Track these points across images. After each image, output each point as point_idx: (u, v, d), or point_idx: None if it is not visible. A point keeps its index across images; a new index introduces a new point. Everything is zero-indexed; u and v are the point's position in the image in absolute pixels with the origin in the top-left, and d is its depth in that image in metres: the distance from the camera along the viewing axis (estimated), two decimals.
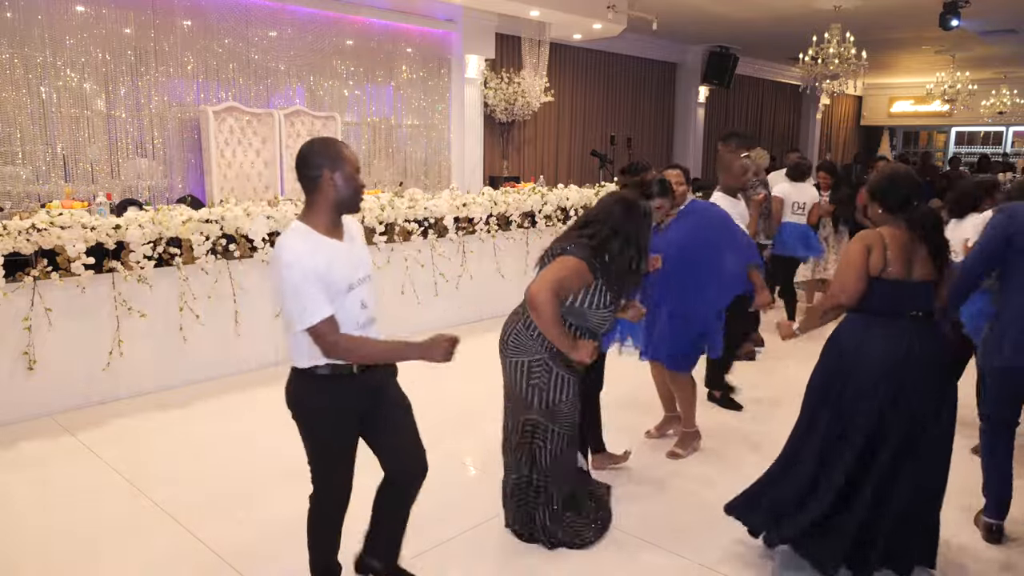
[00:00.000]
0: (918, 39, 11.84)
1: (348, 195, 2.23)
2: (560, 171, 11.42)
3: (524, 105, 9.75)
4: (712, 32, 11.64)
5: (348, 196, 2.24)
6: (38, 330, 4.24)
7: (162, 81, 6.85)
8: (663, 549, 3.01)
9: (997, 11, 9.52)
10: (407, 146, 8.91)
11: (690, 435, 3.93)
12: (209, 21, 7.07)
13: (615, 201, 2.86)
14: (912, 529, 2.63)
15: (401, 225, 5.87)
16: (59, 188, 6.19)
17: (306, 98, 7.88)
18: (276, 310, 5.24)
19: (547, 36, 9.59)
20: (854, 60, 9.50)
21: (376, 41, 8.38)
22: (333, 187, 2.20)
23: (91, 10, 6.38)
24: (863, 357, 2.60)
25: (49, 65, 6.21)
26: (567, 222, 7.19)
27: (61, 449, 3.91)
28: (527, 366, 2.80)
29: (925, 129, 20.03)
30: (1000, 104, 15.34)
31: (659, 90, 13.22)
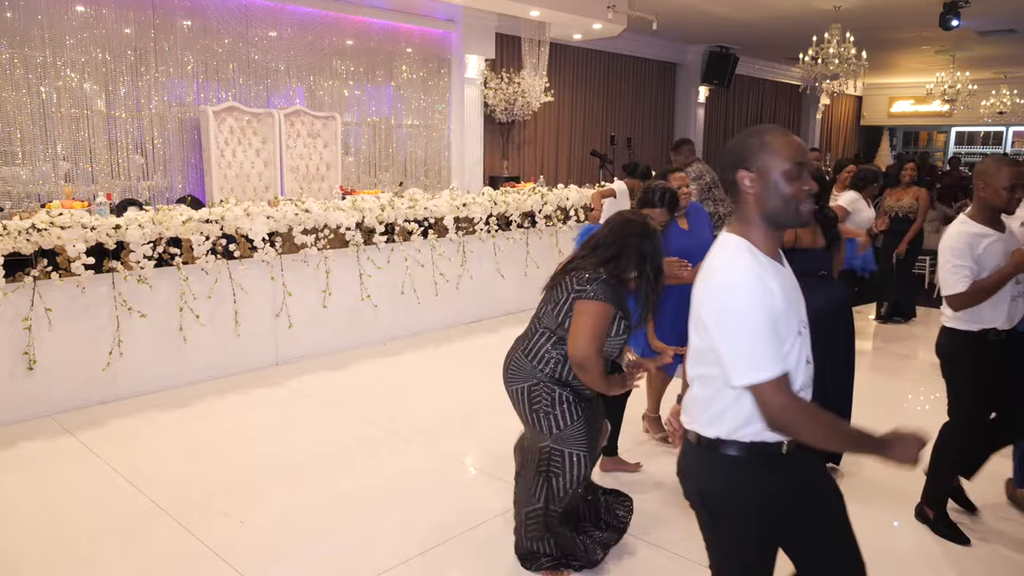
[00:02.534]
0: (918, 39, 11.84)
1: (777, 205, 1.65)
2: (560, 171, 11.42)
3: (524, 105, 9.74)
4: (712, 32, 11.64)
5: (778, 206, 1.65)
6: (38, 330, 4.24)
7: (162, 81, 6.85)
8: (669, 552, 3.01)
9: (997, 11, 9.52)
10: (407, 146, 8.91)
11: (650, 419, 4.08)
12: (209, 21, 7.07)
13: (631, 231, 2.71)
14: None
15: (401, 225, 5.87)
16: (59, 188, 6.20)
17: (306, 98, 7.88)
18: (276, 310, 5.25)
19: (547, 36, 9.59)
20: (854, 60, 9.50)
21: (376, 41, 8.38)
22: (753, 192, 1.66)
23: (91, 10, 6.39)
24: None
25: (49, 65, 6.21)
26: (567, 222, 7.19)
27: (61, 449, 3.91)
28: (527, 392, 2.72)
29: (925, 129, 20.03)
30: (1000, 104, 15.33)
31: (659, 90, 13.22)
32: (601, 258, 2.66)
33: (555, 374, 2.69)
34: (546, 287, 2.78)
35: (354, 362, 5.43)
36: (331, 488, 3.47)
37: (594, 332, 2.57)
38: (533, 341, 2.74)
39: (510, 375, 2.78)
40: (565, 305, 2.64)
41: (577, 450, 2.71)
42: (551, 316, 2.69)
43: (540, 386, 2.69)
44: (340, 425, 4.29)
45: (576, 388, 2.71)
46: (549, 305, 2.71)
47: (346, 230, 5.49)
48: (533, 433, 2.77)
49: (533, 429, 2.76)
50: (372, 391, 4.86)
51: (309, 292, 5.45)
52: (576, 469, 2.72)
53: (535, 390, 2.70)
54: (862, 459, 3.68)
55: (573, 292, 2.62)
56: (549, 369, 2.69)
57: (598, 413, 2.87)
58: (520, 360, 2.75)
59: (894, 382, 5.34)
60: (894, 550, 3.01)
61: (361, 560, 2.89)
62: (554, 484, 2.74)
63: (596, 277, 2.61)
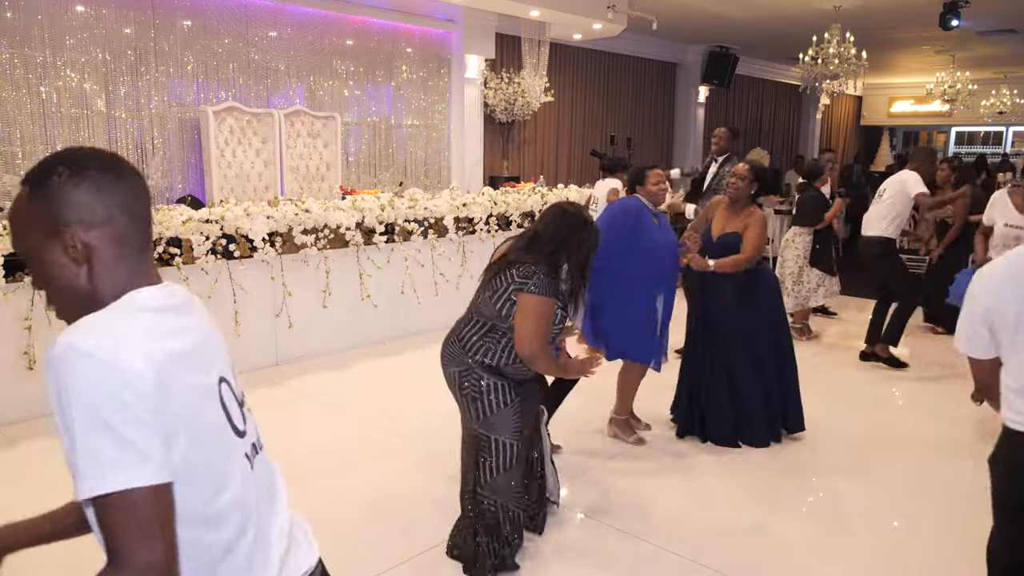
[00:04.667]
0: (918, 39, 11.84)
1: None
2: (560, 171, 11.42)
3: (524, 105, 9.74)
4: (712, 32, 11.64)
5: None
6: (38, 330, 4.24)
7: (162, 81, 6.85)
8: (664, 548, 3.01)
9: (997, 11, 9.52)
10: (407, 146, 8.91)
11: (620, 422, 4.08)
12: (209, 21, 7.07)
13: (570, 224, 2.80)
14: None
15: (401, 225, 5.87)
16: None
17: (306, 98, 7.88)
18: (277, 310, 5.25)
19: (547, 36, 9.58)
20: (854, 60, 9.50)
21: (376, 41, 8.38)
22: None
23: (91, 10, 6.38)
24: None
25: (49, 65, 6.21)
26: None
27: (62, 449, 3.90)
28: (457, 376, 2.77)
29: (925, 129, 20.03)
30: (1000, 104, 15.33)
31: (659, 90, 13.21)
32: (542, 252, 2.73)
33: (485, 361, 2.74)
34: (484, 274, 2.84)
35: (354, 362, 5.44)
36: (331, 488, 3.47)
37: (540, 327, 2.65)
38: (466, 329, 2.80)
39: (444, 359, 2.84)
40: (506, 294, 2.69)
41: (504, 437, 2.76)
42: (490, 305, 2.74)
43: (469, 372, 2.75)
44: (340, 425, 4.29)
45: (509, 374, 2.76)
46: (487, 292, 2.76)
47: (346, 230, 5.49)
48: (465, 416, 2.83)
49: (464, 412, 2.82)
50: (372, 391, 4.86)
51: (309, 292, 5.45)
52: (503, 456, 2.76)
53: (464, 375, 2.75)
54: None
55: (515, 284, 2.67)
56: (479, 356, 2.74)
57: (533, 398, 2.91)
58: (453, 345, 2.81)
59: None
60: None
61: (361, 560, 2.89)
62: (482, 468, 2.79)
63: (537, 271, 2.67)
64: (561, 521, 3.27)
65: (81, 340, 0.98)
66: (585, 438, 4.13)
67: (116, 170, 1.12)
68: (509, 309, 2.69)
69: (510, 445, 2.76)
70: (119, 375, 0.97)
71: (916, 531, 3.24)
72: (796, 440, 4.16)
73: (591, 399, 4.36)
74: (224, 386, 1.18)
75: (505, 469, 2.76)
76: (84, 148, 1.14)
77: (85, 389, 0.96)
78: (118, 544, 0.96)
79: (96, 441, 0.96)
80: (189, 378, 1.08)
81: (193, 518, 1.07)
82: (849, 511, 3.42)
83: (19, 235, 1.12)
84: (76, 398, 0.96)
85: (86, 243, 1.08)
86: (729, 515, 3.33)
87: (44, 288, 1.13)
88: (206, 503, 1.09)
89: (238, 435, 1.18)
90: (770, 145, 15.11)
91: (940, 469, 3.81)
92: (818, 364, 5.68)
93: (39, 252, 1.10)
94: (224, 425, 1.15)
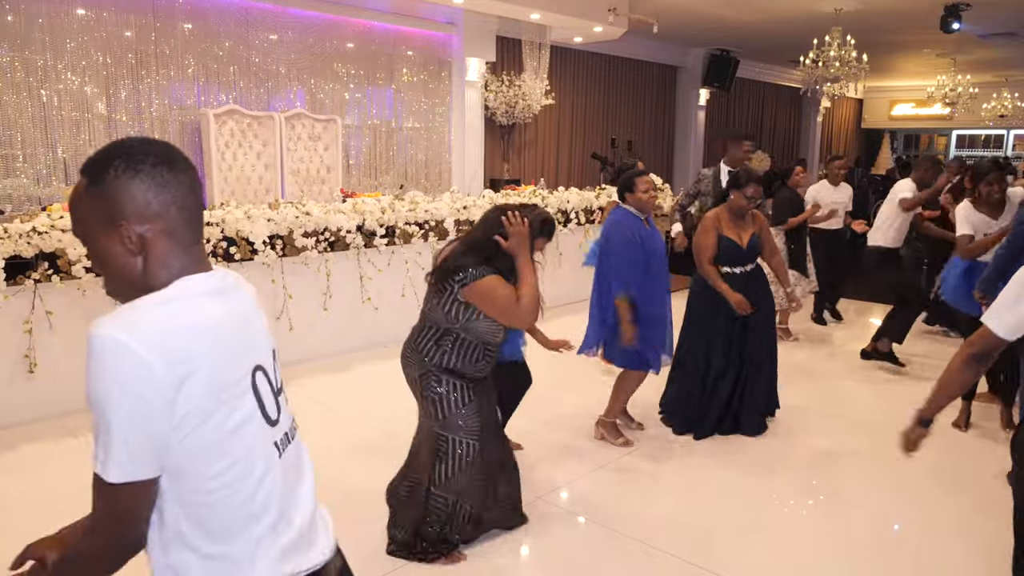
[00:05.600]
0: (919, 42, 11.84)
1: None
2: (561, 174, 11.42)
3: (525, 108, 9.75)
4: (713, 35, 11.65)
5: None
6: (39, 333, 4.24)
7: (163, 84, 6.85)
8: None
9: (998, 14, 9.52)
10: (408, 149, 8.91)
11: (608, 425, 4.09)
12: (210, 24, 7.07)
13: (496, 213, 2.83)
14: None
15: (402, 228, 5.87)
16: (60, 191, 6.20)
17: (307, 101, 7.88)
18: (277, 313, 5.24)
19: (548, 39, 9.59)
20: (855, 63, 9.50)
21: (377, 44, 8.38)
22: None
23: (92, 13, 6.39)
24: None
25: (50, 68, 6.21)
26: (567, 225, 7.19)
27: (64, 451, 3.90)
28: (418, 379, 2.84)
29: (926, 132, 20.02)
30: (1001, 107, 15.33)
31: (660, 93, 13.22)
32: (482, 255, 2.76)
33: (442, 364, 2.79)
34: (428, 278, 2.85)
35: (355, 364, 5.43)
36: (332, 490, 3.43)
37: (507, 300, 2.67)
38: (420, 335, 2.85)
39: (404, 362, 2.90)
40: (451, 298, 2.73)
41: (462, 436, 2.81)
42: (438, 311, 2.78)
43: (428, 375, 2.81)
44: (341, 427, 4.28)
45: (468, 374, 2.81)
46: (434, 300, 2.80)
47: (347, 233, 5.49)
48: (425, 416, 2.88)
49: (426, 413, 2.87)
50: (373, 393, 4.85)
51: (310, 295, 5.44)
52: (462, 455, 2.81)
53: (424, 378, 2.82)
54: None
55: (457, 284, 2.71)
56: (436, 359, 2.79)
57: (489, 399, 2.95)
58: (410, 350, 2.87)
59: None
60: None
61: (362, 562, 2.87)
62: (438, 468, 2.83)
63: (470, 266, 2.71)
64: (553, 521, 3.26)
65: (111, 331, 1.04)
66: (579, 438, 4.12)
67: (170, 164, 1.17)
68: (458, 310, 2.73)
69: (469, 445, 2.82)
70: (137, 369, 1.03)
71: (916, 534, 3.23)
72: (794, 440, 4.16)
73: (589, 399, 4.35)
74: (260, 374, 1.23)
75: (463, 468, 2.82)
76: (140, 140, 1.18)
77: (108, 377, 1.03)
78: (96, 515, 1.11)
79: (104, 427, 1.05)
80: (216, 367, 1.11)
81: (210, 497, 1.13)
82: (848, 511, 3.41)
83: (78, 223, 1.18)
84: (97, 381, 1.04)
85: (141, 235, 1.13)
86: (725, 515, 3.32)
87: (101, 273, 1.20)
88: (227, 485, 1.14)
89: (270, 423, 1.22)
90: (771, 148, 15.10)
91: (940, 471, 3.80)
92: (816, 365, 5.67)
93: (97, 241, 1.16)
94: (255, 413, 1.19)
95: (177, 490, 1.12)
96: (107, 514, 1.11)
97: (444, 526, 2.88)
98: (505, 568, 2.95)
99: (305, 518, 1.28)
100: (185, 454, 1.10)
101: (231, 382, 1.15)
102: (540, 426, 4.29)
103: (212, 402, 1.11)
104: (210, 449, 1.12)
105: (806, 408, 4.70)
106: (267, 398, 1.23)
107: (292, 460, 1.29)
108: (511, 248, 2.73)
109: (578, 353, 3.96)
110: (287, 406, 1.31)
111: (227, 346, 1.15)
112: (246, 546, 1.17)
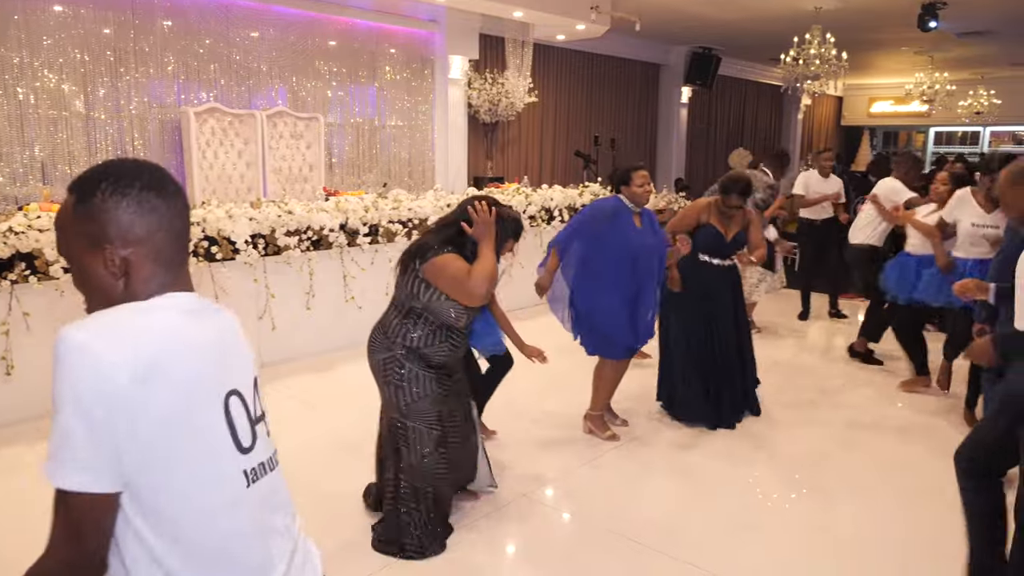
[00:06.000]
0: (897, 40, 11.96)
1: None
2: (544, 172, 11.42)
3: (508, 106, 9.74)
4: (695, 33, 11.70)
5: None
6: (16, 335, 4.18)
7: (142, 82, 6.77)
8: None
9: (974, 13, 9.64)
10: (391, 147, 8.88)
11: (595, 418, 4.14)
12: (190, 21, 7.00)
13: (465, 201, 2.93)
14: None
15: (385, 226, 5.85)
16: (37, 190, 6.11)
17: (289, 99, 7.83)
18: (260, 312, 5.21)
19: (531, 37, 9.59)
20: (834, 61, 9.57)
21: (359, 42, 8.34)
22: None
23: (69, 10, 6.30)
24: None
25: (26, 66, 6.12)
26: (551, 223, 7.19)
27: (40, 456, 3.83)
28: (381, 364, 2.88)
29: (904, 129, 20.22)
30: (977, 104, 15.50)
31: (642, 91, 13.26)
32: (444, 236, 2.84)
33: (407, 344, 2.82)
34: (398, 263, 2.92)
35: (339, 364, 5.40)
36: (315, 490, 3.44)
37: (458, 272, 2.72)
38: (387, 316, 2.91)
39: (369, 348, 2.94)
40: (413, 275, 2.80)
41: (421, 425, 2.84)
42: (403, 289, 2.85)
43: (392, 360, 2.84)
44: (324, 427, 4.26)
45: (432, 360, 2.85)
46: (400, 279, 2.88)
47: (329, 232, 5.46)
48: (386, 405, 2.93)
49: (386, 399, 2.91)
50: (357, 393, 4.82)
51: (292, 294, 5.41)
52: (421, 443, 2.85)
53: (388, 362, 2.84)
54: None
55: (419, 262, 2.79)
56: (401, 340, 2.83)
57: (458, 390, 2.99)
58: (377, 333, 2.92)
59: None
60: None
61: (345, 563, 2.87)
62: (403, 456, 2.88)
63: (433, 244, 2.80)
64: (540, 518, 3.27)
65: (75, 333, 1.03)
66: (567, 433, 4.13)
67: (158, 189, 1.16)
68: (418, 288, 2.80)
69: (427, 433, 2.85)
70: (97, 373, 1.01)
71: (905, 534, 3.27)
72: (783, 436, 4.19)
73: (581, 395, 4.36)
74: (234, 399, 1.18)
75: (425, 456, 2.86)
76: (131, 163, 1.19)
77: (67, 381, 1.02)
78: (52, 533, 1.04)
79: (60, 432, 1.02)
80: (183, 375, 1.09)
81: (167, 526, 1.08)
82: (836, 509, 3.44)
83: (62, 240, 1.18)
84: (58, 384, 1.02)
85: (124, 258, 1.13)
86: (712, 510, 3.34)
87: (83, 291, 1.19)
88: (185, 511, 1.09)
89: (241, 451, 1.18)
90: (752, 145, 15.19)
91: (932, 470, 3.84)
92: (804, 361, 5.72)
93: (80, 260, 1.16)
94: (222, 436, 1.15)
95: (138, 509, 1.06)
96: (62, 531, 1.03)
97: (414, 514, 2.89)
98: (489, 566, 2.95)
99: (277, 551, 1.21)
100: (144, 467, 1.05)
101: (200, 399, 1.12)
102: (528, 423, 4.30)
103: (176, 415, 1.07)
104: (171, 464, 1.07)
105: (796, 404, 4.75)
106: (240, 423, 1.18)
107: (265, 491, 1.22)
108: (475, 234, 2.78)
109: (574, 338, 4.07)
110: (268, 438, 1.26)
111: (200, 362, 1.13)
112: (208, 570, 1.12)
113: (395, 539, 2.91)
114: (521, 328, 3.69)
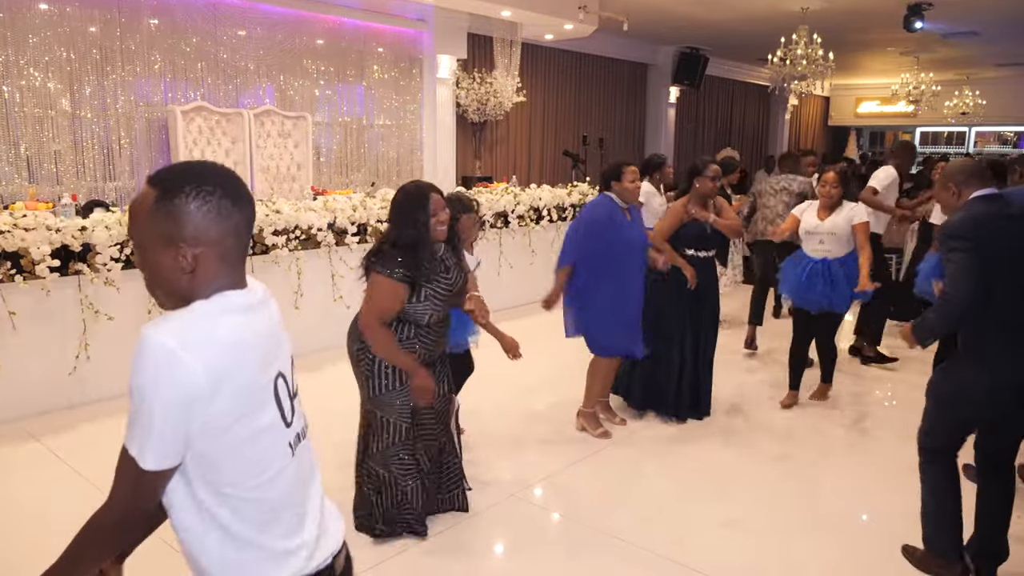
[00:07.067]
0: (883, 41, 12.06)
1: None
2: (533, 171, 11.44)
3: (496, 105, 9.75)
4: (682, 33, 11.75)
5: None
6: (2, 334, 4.16)
7: (129, 80, 6.74)
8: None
9: (959, 14, 9.73)
10: (379, 146, 8.87)
11: (587, 415, 4.16)
12: (176, 20, 6.97)
13: (395, 202, 2.95)
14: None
15: (373, 225, 5.85)
16: (23, 189, 6.07)
17: (276, 98, 7.80)
18: None
19: (519, 36, 9.60)
20: (821, 61, 9.64)
21: (347, 41, 8.33)
22: None
23: (55, 8, 6.26)
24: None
25: (11, 64, 6.08)
26: (540, 222, 7.22)
27: (26, 455, 3.84)
28: (355, 353, 2.95)
29: (891, 129, 20.37)
30: (963, 105, 15.64)
31: (630, 90, 13.30)
32: (388, 235, 2.92)
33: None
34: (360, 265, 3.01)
35: (327, 363, 5.40)
36: None
37: (374, 303, 2.80)
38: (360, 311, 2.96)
39: (349, 337, 3.01)
40: (369, 276, 2.90)
41: (391, 417, 2.91)
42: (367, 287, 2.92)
43: (364, 349, 2.90)
44: (313, 427, 4.25)
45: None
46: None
47: (318, 231, 5.46)
48: (360, 391, 2.99)
49: (360, 387, 2.98)
50: (345, 392, 4.82)
51: (280, 293, 5.40)
52: (388, 434, 2.92)
53: (361, 352, 2.91)
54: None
55: (368, 263, 2.88)
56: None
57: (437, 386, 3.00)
58: (354, 324, 2.99)
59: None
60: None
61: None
62: (371, 444, 2.96)
63: (382, 248, 2.85)
64: (528, 518, 3.29)
65: (165, 340, 1.14)
66: (559, 430, 4.15)
67: (236, 197, 1.26)
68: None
69: (395, 425, 2.92)
70: (180, 375, 1.14)
71: (887, 527, 3.31)
72: (776, 435, 4.23)
73: (575, 392, 4.38)
74: (280, 380, 1.34)
75: (391, 445, 2.92)
76: (212, 167, 1.28)
77: (154, 382, 1.14)
78: (116, 493, 1.21)
79: (144, 423, 1.16)
80: (246, 378, 1.24)
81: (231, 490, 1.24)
82: (821, 505, 3.48)
83: (136, 229, 1.25)
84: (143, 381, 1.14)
85: (195, 255, 1.22)
86: (701, 509, 3.37)
87: (149, 278, 1.28)
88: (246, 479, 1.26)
89: (286, 425, 1.34)
90: (740, 145, 15.29)
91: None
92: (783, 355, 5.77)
93: (152, 252, 1.24)
94: (275, 417, 1.31)
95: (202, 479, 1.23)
96: (129, 493, 1.20)
97: (376, 498, 2.97)
98: (476, 566, 2.97)
99: (315, 512, 1.40)
100: (213, 452, 1.21)
101: (257, 389, 1.27)
102: (518, 420, 4.32)
103: (240, 408, 1.22)
104: (235, 449, 1.23)
105: (780, 400, 4.78)
106: (285, 402, 1.34)
107: (303, 458, 1.40)
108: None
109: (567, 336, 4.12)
110: (300, 408, 1.43)
111: (257, 358, 1.26)
112: (264, 537, 1.28)
113: (367, 521, 3.03)
114: (509, 328, 3.70)
